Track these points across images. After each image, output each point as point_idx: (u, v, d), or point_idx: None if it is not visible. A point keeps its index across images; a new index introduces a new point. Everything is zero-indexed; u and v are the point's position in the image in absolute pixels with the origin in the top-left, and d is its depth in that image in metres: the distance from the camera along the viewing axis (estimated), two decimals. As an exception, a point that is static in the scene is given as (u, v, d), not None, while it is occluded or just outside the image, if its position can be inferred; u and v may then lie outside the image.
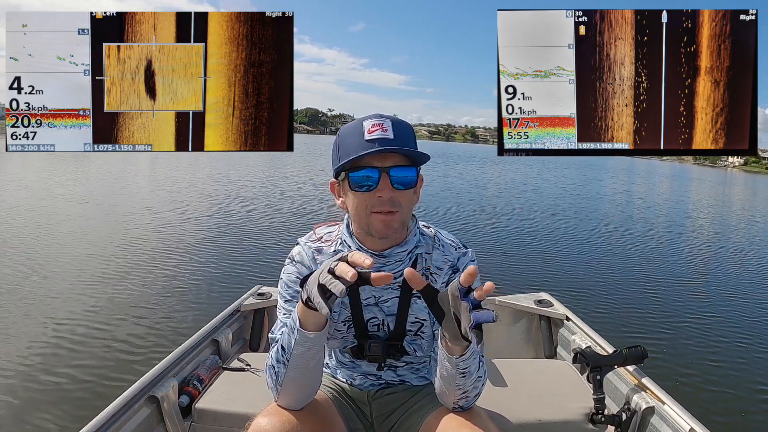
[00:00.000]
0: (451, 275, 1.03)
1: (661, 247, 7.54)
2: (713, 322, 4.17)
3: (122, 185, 11.48)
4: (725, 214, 13.31)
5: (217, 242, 6.01)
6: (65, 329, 3.28)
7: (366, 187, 0.92)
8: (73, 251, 5.27)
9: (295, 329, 0.86)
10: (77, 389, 2.57)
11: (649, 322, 4.02)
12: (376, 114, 0.95)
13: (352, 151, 0.92)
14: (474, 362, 0.89)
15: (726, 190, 22.45)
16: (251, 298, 2.17)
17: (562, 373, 1.72)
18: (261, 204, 9.38)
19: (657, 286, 5.19)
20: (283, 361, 0.89)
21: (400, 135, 0.92)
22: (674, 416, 1.40)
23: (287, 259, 1.06)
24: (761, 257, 7.34)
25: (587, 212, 11.09)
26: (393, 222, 0.93)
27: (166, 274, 4.64)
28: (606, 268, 5.91)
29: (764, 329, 4.09)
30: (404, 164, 0.93)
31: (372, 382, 1.10)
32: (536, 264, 5.84)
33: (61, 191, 9.77)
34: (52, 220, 6.85)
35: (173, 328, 3.37)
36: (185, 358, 1.62)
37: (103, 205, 8.43)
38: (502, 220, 9.05)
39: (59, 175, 12.71)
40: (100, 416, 1.23)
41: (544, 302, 2.27)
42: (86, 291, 4.05)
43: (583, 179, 18.04)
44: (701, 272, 6.07)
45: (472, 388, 0.92)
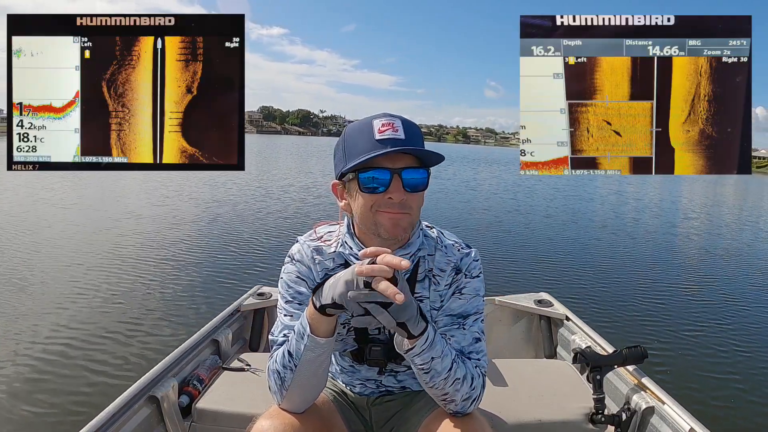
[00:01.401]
0: (454, 276, 1.00)
1: (660, 248, 7.54)
2: (713, 322, 4.17)
3: (121, 185, 11.47)
4: (724, 215, 13.31)
5: (217, 242, 6.01)
6: (65, 329, 3.28)
7: (376, 189, 0.88)
8: (73, 251, 5.27)
9: (305, 335, 0.84)
10: (77, 389, 2.57)
11: (649, 322, 4.02)
12: (385, 113, 0.92)
13: (361, 151, 0.88)
14: (436, 361, 0.85)
15: (718, 190, 22.43)
16: (251, 298, 2.17)
17: (562, 373, 1.72)
18: (261, 204, 9.38)
19: (657, 287, 5.19)
20: (290, 366, 0.87)
21: (411, 135, 0.89)
22: (674, 416, 1.39)
23: (287, 257, 1.03)
24: (761, 257, 7.35)
25: (584, 212, 11.09)
26: (402, 221, 0.90)
27: (166, 274, 4.64)
28: (606, 268, 5.91)
29: (764, 329, 4.09)
30: (415, 166, 0.89)
31: (372, 389, 1.09)
32: (536, 264, 5.84)
33: (62, 191, 9.77)
34: (54, 220, 6.85)
35: (173, 328, 3.38)
36: (185, 358, 1.62)
37: (102, 205, 8.43)
38: (501, 220, 9.06)
39: (60, 174, 12.69)
40: (100, 416, 1.22)
41: (544, 302, 2.27)
42: (86, 291, 4.05)
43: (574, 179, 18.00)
44: (701, 272, 6.06)
45: (452, 390, 0.88)
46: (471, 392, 0.90)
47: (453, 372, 0.87)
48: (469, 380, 0.89)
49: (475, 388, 0.91)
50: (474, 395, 0.91)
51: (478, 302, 1.00)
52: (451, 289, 1.00)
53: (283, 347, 0.90)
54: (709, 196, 19.43)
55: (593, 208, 12.12)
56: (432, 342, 0.84)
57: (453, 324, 0.96)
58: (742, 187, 25.99)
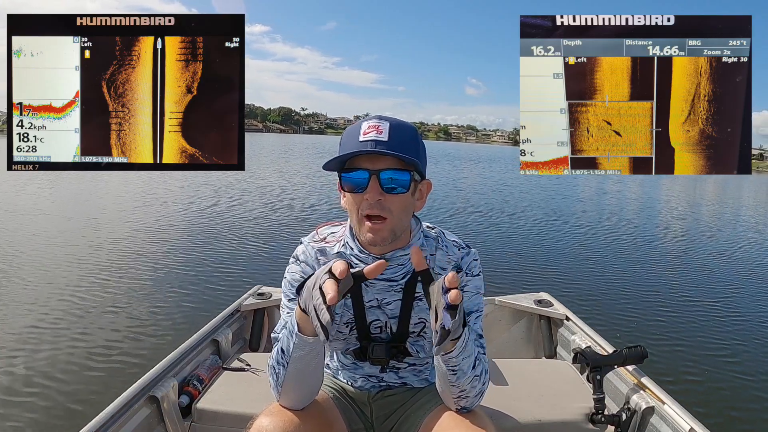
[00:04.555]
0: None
1: (661, 248, 7.54)
2: (714, 322, 4.17)
3: (121, 184, 11.48)
4: (724, 215, 13.30)
5: (217, 242, 6.01)
6: (65, 329, 3.28)
7: (356, 188, 0.91)
8: (72, 251, 5.27)
9: (294, 333, 0.86)
10: (77, 389, 2.57)
11: (649, 322, 4.02)
12: (377, 116, 0.93)
13: (347, 150, 0.91)
14: (465, 361, 0.88)
15: (719, 190, 22.44)
16: (251, 298, 2.17)
17: (562, 373, 1.72)
18: (261, 204, 9.38)
19: (657, 287, 5.19)
20: (282, 363, 0.89)
21: (396, 138, 0.90)
22: (674, 416, 1.39)
23: (291, 258, 1.05)
24: (762, 258, 7.34)
25: (584, 213, 11.09)
26: (381, 230, 0.91)
27: (166, 274, 4.65)
28: (606, 268, 5.91)
29: (764, 329, 4.09)
30: (397, 168, 0.91)
31: (373, 384, 1.10)
32: (536, 264, 5.84)
33: (60, 191, 9.77)
34: (52, 216, 6.85)
35: (173, 328, 3.38)
36: (185, 358, 1.62)
37: (102, 204, 8.43)
38: (501, 220, 9.05)
39: (57, 174, 12.70)
40: (100, 416, 1.23)
41: (544, 302, 2.27)
42: (86, 291, 4.05)
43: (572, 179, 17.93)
44: (701, 273, 6.06)
45: (470, 387, 0.91)
46: (482, 387, 0.94)
47: (476, 369, 0.90)
48: (484, 375, 0.93)
49: (485, 383, 0.94)
50: (484, 390, 0.95)
51: (479, 300, 1.02)
52: None
53: (278, 344, 0.92)
54: (720, 196, 19.43)
55: (593, 209, 12.13)
56: (466, 342, 0.86)
57: None
58: (740, 187, 26.00)
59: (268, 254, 5.58)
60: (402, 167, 0.91)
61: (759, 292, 5.27)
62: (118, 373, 2.72)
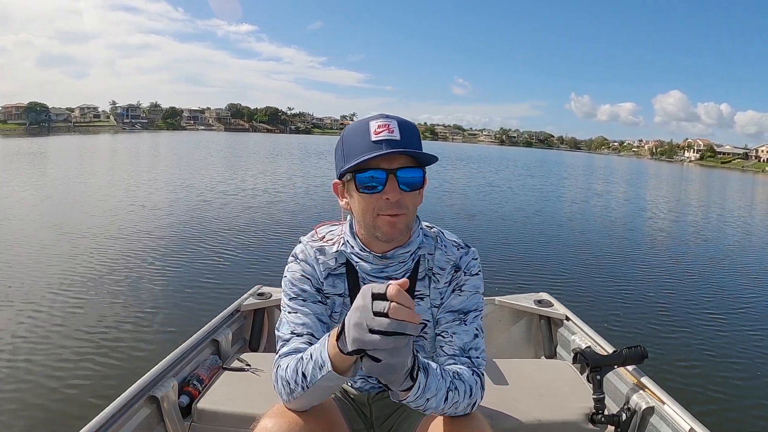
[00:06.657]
0: (453, 274, 1.02)
1: (661, 248, 7.54)
2: (714, 322, 4.17)
3: (120, 183, 11.48)
4: (726, 215, 13.29)
5: (216, 242, 6.01)
6: (65, 329, 3.28)
7: (373, 189, 0.90)
8: (72, 250, 5.27)
9: (325, 368, 0.81)
10: (77, 389, 2.57)
11: (649, 322, 4.02)
12: (381, 114, 0.93)
13: (358, 152, 0.90)
14: (431, 401, 0.83)
15: (718, 190, 22.42)
16: (251, 298, 2.17)
17: (562, 373, 1.72)
18: (260, 204, 9.38)
19: (657, 287, 5.19)
20: (302, 386, 0.86)
21: (406, 136, 0.91)
22: (674, 416, 1.40)
23: (290, 257, 1.05)
24: (761, 257, 7.34)
25: (584, 213, 11.08)
26: (399, 223, 0.92)
27: (166, 274, 4.64)
28: (606, 268, 5.91)
29: (765, 329, 4.08)
30: (411, 165, 0.91)
31: (373, 384, 1.10)
32: (536, 264, 5.84)
33: (64, 189, 9.75)
34: (49, 213, 6.85)
35: (173, 328, 3.38)
36: (185, 358, 1.62)
37: (101, 204, 8.42)
38: (501, 220, 9.05)
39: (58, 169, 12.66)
40: (100, 416, 1.23)
41: (544, 302, 2.27)
42: (86, 291, 4.05)
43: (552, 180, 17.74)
44: (701, 273, 6.06)
45: (452, 410, 0.87)
46: (470, 400, 0.90)
47: (450, 400, 0.86)
48: (468, 392, 0.89)
49: (474, 395, 0.91)
50: (474, 401, 0.91)
51: (478, 299, 1.02)
52: (450, 286, 1.01)
53: (297, 365, 0.88)
54: (709, 196, 19.42)
55: (593, 209, 12.12)
56: (424, 387, 0.81)
57: (454, 320, 0.98)
58: (733, 187, 25.95)
59: (267, 254, 5.58)
60: (414, 164, 0.92)
61: (759, 293, 5.27)
62: (118, 373, 2.72)
